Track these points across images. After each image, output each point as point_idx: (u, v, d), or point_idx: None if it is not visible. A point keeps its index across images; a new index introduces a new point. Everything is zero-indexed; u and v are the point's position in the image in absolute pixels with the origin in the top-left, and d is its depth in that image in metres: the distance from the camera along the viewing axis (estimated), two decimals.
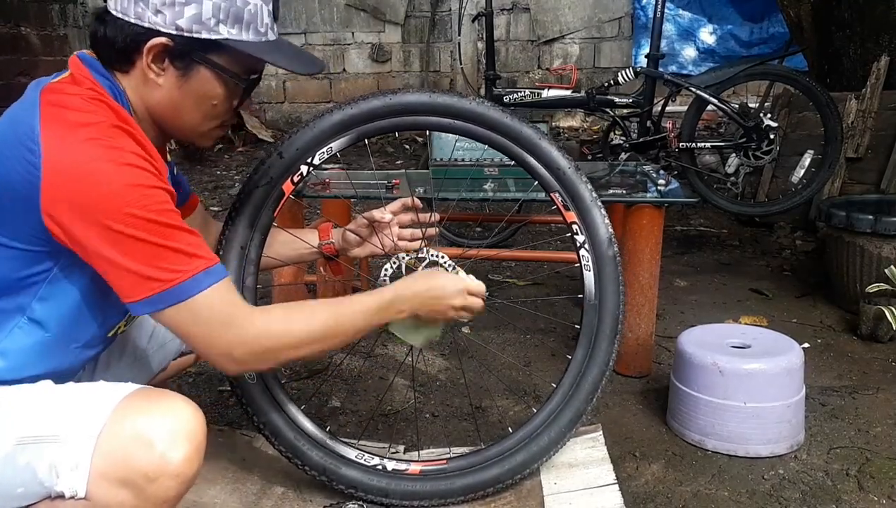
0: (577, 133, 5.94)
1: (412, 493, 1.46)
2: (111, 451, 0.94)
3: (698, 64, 5.80)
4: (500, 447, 1.49)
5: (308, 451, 1.47)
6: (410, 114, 1.47)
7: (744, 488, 1.58)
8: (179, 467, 0.95)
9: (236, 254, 1.43)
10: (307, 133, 1.46)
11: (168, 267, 0.98)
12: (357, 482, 1.47)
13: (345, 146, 1.48)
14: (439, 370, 2.20)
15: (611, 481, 1.46)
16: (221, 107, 1.12)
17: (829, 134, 3.00)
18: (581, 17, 6.00)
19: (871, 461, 1.67)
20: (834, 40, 3.68)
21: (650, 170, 2.46)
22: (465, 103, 1.48)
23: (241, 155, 5.67)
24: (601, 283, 1.48)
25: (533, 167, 1.50)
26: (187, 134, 1.15)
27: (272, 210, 1.46)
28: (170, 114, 1.10)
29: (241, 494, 1.50)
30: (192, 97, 1.09)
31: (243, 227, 1.43)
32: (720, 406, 1.70)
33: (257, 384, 1.45)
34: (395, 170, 2.21)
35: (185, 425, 0.97)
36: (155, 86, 1.07)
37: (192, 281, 0.99)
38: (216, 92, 1.10)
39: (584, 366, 1.49)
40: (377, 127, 1.48)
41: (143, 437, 0.94)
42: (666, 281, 2.74)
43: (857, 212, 2.47)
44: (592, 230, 1.48)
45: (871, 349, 2.30)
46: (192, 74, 1.07)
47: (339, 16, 6.30)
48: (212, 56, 1.07)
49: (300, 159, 1.46)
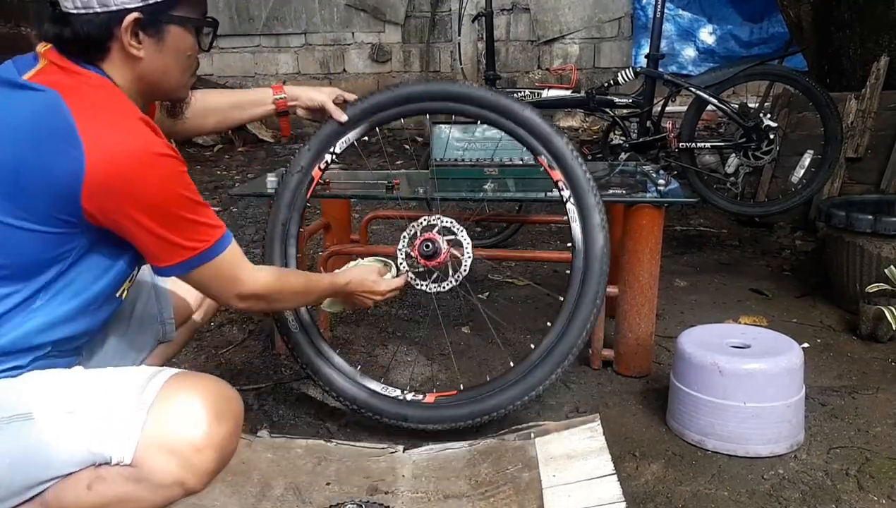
0: (577, 133, 5.94)
1: (427, 417, 1.73)
2: (163, 421, 1.02)
3: (698, 64, 5.80)
4: (503, 379, 1.72)
5: (341, 384, 1.78)
6: (412, 101, 1.76)
7: (743, 488, 1.58)
8: (224, 440, 1.05)
9: (279, 229, 1.79)
10: (328, 127, 1.78)
11: (199, 238, 1.15)
12: (381, 409, 1.76)
13: (360, 135, 1.79)
14: (439, 368, 2.20)
15: (609, 472, 1.46)
16: (194, 55, 1.21)
17: (829, 134, 3.00)
18: (581, 17, 6.00)
19: (870, 460, 1.67)
20: (834, 40, 3.68)
21: (650, 171, 2.46)
22: (456, 87, 1.76)
23: (241, 155, 5.67)
24: (586, 231, 1.69)
25: (521, 136, 1.73)
26: (173, 92, 1.24)
27: (305, 193, 1.80)
28: (156, 79, 1.17)
29: (240, 496, 1.51)
30: (172, 56, 1.16)
31: (284, 208, 1.79)
32: (720, 406, 1.70)
33: (301, 333, 1.79)
34: (395, 170, 2.21)
35: (229, 404, 1.08)
36: (136, 61, 1.12)
37: (214, 247, 1.17)
38: (188, 42, 1.18)
39: (575, 306, 1.69)
40: (386, 116, 1.77)
41: (193, 410, 1.03)
42: (666, 281, 2.74)
43: (856, 212, 2.47)
44: (575, 184, 1.69)
45: (871, 349, 2.30)
46: (165, 35, 1.13)
47: (339, 16, 6.30)
48: (175, 11, 1.13)
49: (325, 149, 1.79)
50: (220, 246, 1.19)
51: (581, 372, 2.14)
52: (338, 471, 1.61)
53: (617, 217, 2.12)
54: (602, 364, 2.16)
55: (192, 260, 1.16)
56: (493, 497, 1.48)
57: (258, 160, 5.50)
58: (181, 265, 1.15)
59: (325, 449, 1.70)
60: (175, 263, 1.15)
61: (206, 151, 5.76)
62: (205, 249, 1.16)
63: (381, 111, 1.76)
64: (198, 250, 1.15)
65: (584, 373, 2.13)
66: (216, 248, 1.18)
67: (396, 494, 1.54)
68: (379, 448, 1.71)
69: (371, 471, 1.61)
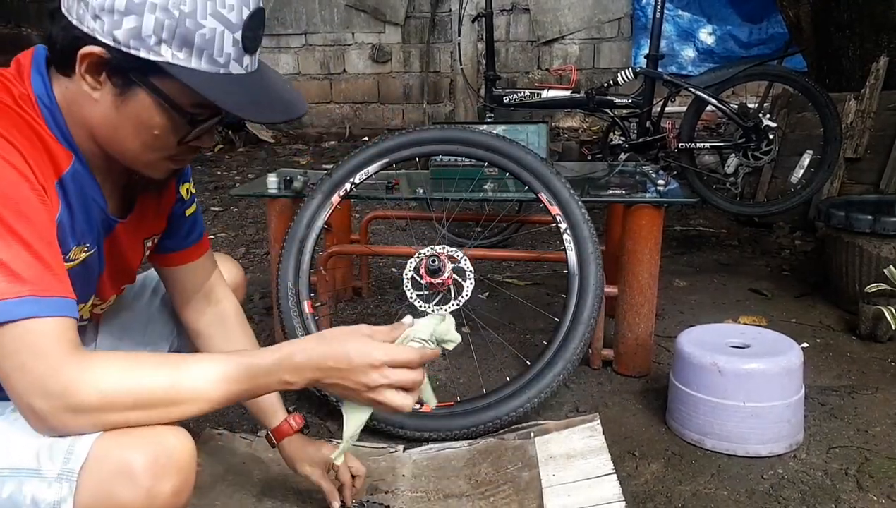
0: (577, 133, 5.95)
1: (424, 427, 1.75)
2: (95, 487, 0.88)
3: (697, 64, 5.81)
4: (499, 394, 1.77)
5: None
6: (426, 144, 1.97)
7: (743, 487, 1.59)
8: (168, 500, 0.90)
9: (296, 246, 1.90)
10: (352, 160, 1.96)
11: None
12: (378, 416, 1.71)
13: (378, 169, 1.96)
14: (438, 369, 2.20)
15: (609, 471, 1.46)
16: (165, 139, 0.98)
17: (828, 134, 3.00)
18: (581, 17, 6.01)
19: (870, 460, 1.67)
20: (833, 41, 3.68)
21: (649, 171, 2.47)
22: (466, 134, 1.95)
23: (241, 155, 5.68)
24: (581, 259, 1.83)
25: (524, 177, 1.90)
26: (130, 161, 1.02)
27: (324, 215, 1.94)
28: (107, 134, 0.98)
29: (240, 497, 1.51)
30: (131, 122, 0.96)
31: (302, 227, 1.92)
32: (719, 405, 1.70)
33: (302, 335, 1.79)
34: (395, 171, 2.22)
35: (170, 455, 0.90)
36: (91, 101, 0.95)
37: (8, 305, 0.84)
38: (155, 121, 0.96)
39: (570, 326, 1.79)
40: (402, 155, 1.96)
41: (126, 471, 0.88)
42: (665, 281, 2.75)
43: (856, 213, 2.47)
44: (572, 218, 1.85)
45: (870, 349, 2.30)
46: (130, 96, 0.94)
47: (340, 16, 6.30)
48: (153, 79, 0.93)
49: (345, 179, 1.96)
50: (12, 310, 0.84)
51: (581, 371, 2.14)
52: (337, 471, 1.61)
53: (617, 217, 2.12)
54: (602, 363, 2.16)
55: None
56: (493, 497, 1.48)
57: (258, 160, 5.51)
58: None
59: None
60: None
61: (206, 151, 5.76)
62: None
63: (398, 151, 1.95)
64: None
65: (584, 373, 2.14)
66: (7, 309, 0.84)
67: (396, 493, 1.54)
68: (379, 447, 1.72)
69: (371, 471, 1.61)
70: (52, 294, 0.87)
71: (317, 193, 1.95)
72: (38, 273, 0.86)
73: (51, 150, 0.96)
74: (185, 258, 1.32)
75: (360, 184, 1.97)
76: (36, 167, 0.91)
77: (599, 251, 1.85)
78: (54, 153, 0.96)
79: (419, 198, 2.26)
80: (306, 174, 2.26)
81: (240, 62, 0.95)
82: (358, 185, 1.96)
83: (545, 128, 2.33)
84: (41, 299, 0.86)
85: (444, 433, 1.74)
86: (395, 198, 2.25)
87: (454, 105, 6.28)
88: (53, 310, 0.87)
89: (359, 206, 3.78)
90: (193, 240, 1.32)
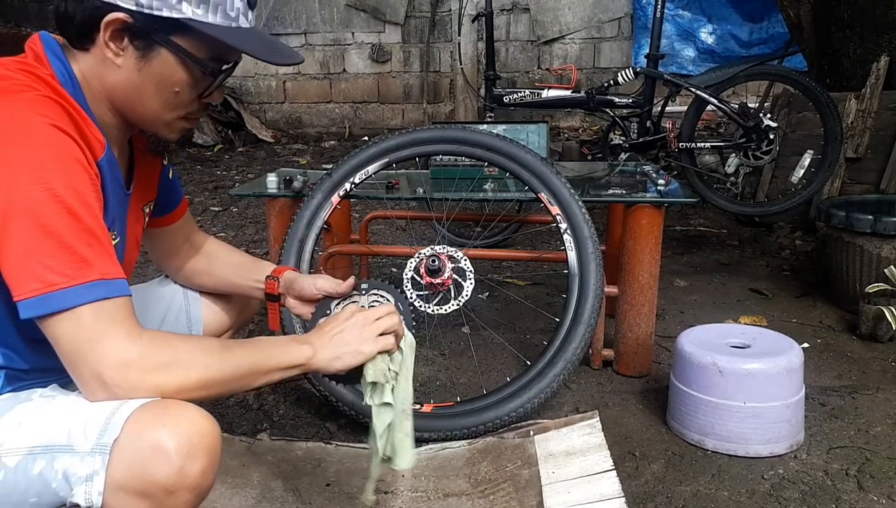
0: (577, 133, 5.95)
1: (423, 427, 1.72)
2: (129, 462, 0.91)
3: (698, 64, 5.80)
4: (499, 394, 1.77)
5: (341, 390, 1.78)
6: (426, 144, 1.95)
7: (743, 488, 1.58)
8: (197, 479, 0.93)
9: (295, 246, 1.89)
10: (351, 160, 1.95)
11: (59, 269, 0.90)
12: None
13: (378, 169, 1.95)
14: (438, 369, 2.20)
15: (608, 468, 1.47)
16: (185, 95, 1.05)
17: (829, 134, 3.00)
18: (581, 17, 6.00)
19: (870, 460, 1.67)
20: (834, 40, 3.68)
21: (650, 170, 2.46)
22: (466, 133, 1.93)
23: (241, 155, 5.68)
24: (581, 259, 1.82)
25: (524, 176, 1.90)
26: (149, 122, 1.07)
27: (324, 215, 1.94)
28: (129, 98, 1.03)
29: (240, 498, 1.51)
30: (153, 81, 1.02)
31: (302, 227, 1.91)
32: (720, 405, 1.70)
33: None
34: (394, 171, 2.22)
35: (202, 437, 0.94)
36: (113, 67, 1.00)
37: (73, 291, 0.90)
38: (178, 77, 1.02)
39: (570, 326, 1.78)
40: (402, 155, 1.95)
41: (161, 449, 0.91)
42: (666, 281, 2.75)
43: (856, 212, 2.47)
44: (572, 218, 1.84)
45: (871, 349, 2.30)
46: (153, 56, 1.00)
47: (339, 16, 6.30)
48: (174, 37, 0.99)
49: (345, 179, 1.95)
50: (83, 293, 0.91)
51: (581, 371, 2.14)
52: (337, 472, 1.61)
53: (617, 217, 2.12)
54: (602, 363, 2.16)
55: (43, 299, 0.89)
56: (493, 495, 1.48)
57: (258, 160, 5.50)
58: (28, 304, 0.90)
59: (324, 451, 1.70)
60: (24, 298, 0.90)
61: (206, 151, 5.77)
62: (59, 289, 0.90)
63: (398, 151, 1.94)
64: (52, 287, 0.89)
65: (584, 373, 2.13)
66: (75, 294, 0.90)
67: (396, 493, 1.54)
68: None
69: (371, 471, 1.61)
70: (115, 276, 0.95)
71: (316, 193, 1.94)
72: (102, 257, 0.94)
73: (90, 135, 1.00)
74: (173, 218, 1.37)
75: (359, 184, 1.96)
76: (87, 153, 0.97)
77: (600, 251, 1.84)
78: (92, 138, 1.00)
79: (419, 197, 2.26)
80: (306, 174, 2.25)
81: (246, 17, 1.05)
82: (358, 185, 1.95)
83: (545, 127, 2.33)
84: (109, 282, 0.93)
85: (445, 433, 1.73)
86: (395, 197, 2.25)
87: (454, 105, 6.28)
88: (119, 291, 0.95)
89: (358, 206, 3.78)
90: (178, 201, 1.37)
